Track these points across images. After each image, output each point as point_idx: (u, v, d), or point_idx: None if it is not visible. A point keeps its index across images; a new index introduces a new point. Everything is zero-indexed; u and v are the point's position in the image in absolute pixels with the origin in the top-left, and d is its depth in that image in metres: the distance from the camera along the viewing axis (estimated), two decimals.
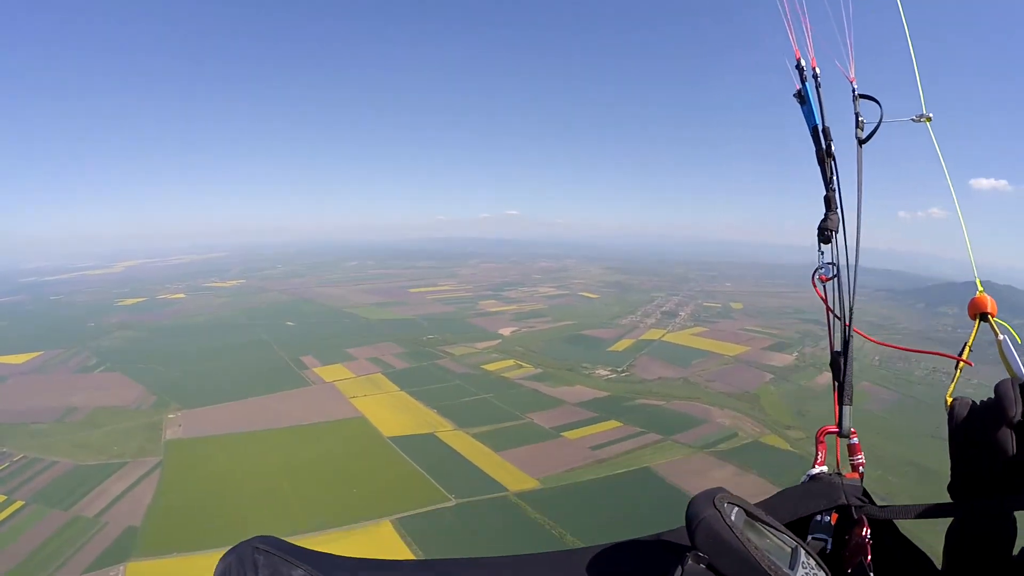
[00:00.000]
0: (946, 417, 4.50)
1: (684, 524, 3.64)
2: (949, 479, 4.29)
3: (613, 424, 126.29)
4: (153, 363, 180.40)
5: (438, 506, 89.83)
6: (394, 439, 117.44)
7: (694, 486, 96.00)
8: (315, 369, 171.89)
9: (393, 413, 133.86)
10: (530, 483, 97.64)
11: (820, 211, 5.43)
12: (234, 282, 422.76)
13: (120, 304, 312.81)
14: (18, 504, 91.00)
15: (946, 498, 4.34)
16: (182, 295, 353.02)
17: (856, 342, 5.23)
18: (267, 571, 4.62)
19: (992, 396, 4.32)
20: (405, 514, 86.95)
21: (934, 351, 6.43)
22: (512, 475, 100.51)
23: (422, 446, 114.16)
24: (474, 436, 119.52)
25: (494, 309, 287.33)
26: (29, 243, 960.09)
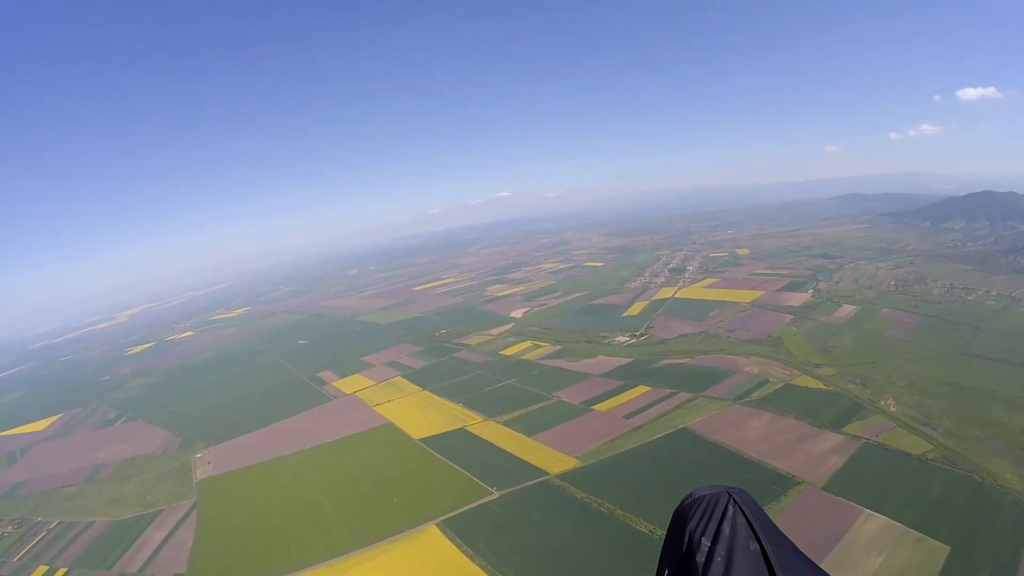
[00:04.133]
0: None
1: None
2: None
3: (642, 389, 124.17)
4: (172, 405, 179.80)
5: (481, 501, 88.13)
6: (425, 440, 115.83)
7: (735, 439, 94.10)
8: (334, 383, 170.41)
9: (420, 414, 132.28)
10: (569, 463, 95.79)
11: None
12: (240, 310, 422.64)
13: (130, 353, 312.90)
14: (61, 572, 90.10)
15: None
16: (190, 333, 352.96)
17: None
18: (729, 526, 5.19)
19: None
20: (450, 515, 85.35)
21: None
22: (550, 457, 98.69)
23: (454, 443, 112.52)
24: (505, 424, 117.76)
25: (502, 293, 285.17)
26: (32, 310, 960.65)
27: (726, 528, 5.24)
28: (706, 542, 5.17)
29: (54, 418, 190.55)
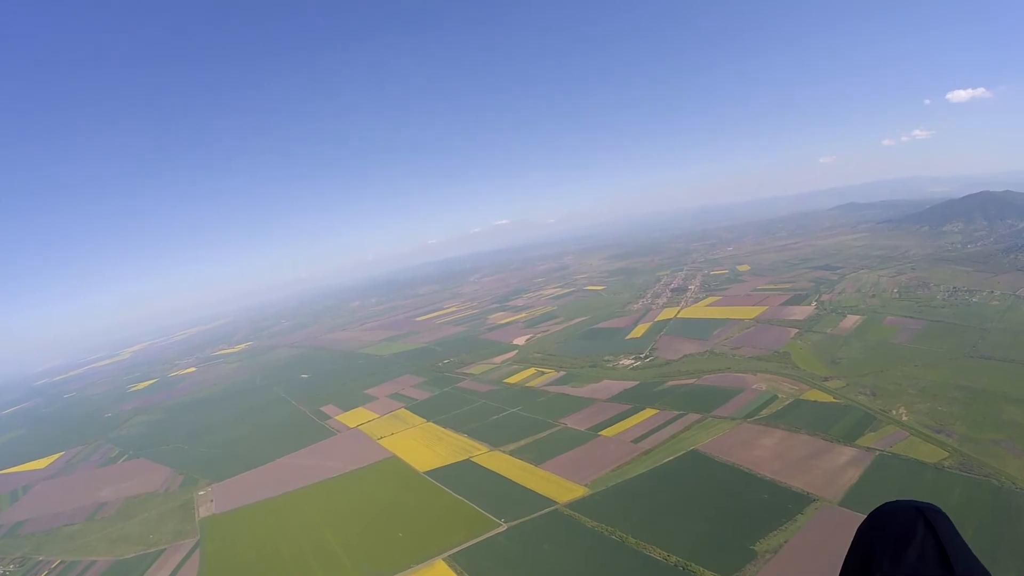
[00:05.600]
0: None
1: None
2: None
3: (649, 412, 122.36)
4: (175, 442, 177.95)
5: (490, 534, 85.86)
6: (430, 473, 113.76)
7: (747, 459, 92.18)
8: (338, 417, 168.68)
9: (424, 446, 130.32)
10: (579, 491, 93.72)
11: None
12: (243, 345, 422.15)
13: (133, 390, 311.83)
14: None
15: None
16: (193, 369, 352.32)
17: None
18: (916, 550, 4.53)
19: None
20: (457, 549, 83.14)
21: None
22: (558, 486, 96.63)
23: (460, 474, 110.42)
24: (511, 453, 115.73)
25: (504, 321, 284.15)
26: (36, 347, 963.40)
27: (912, 553, 4.56)
28: (888, 567, 4.53)
29: (56, 456, 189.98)
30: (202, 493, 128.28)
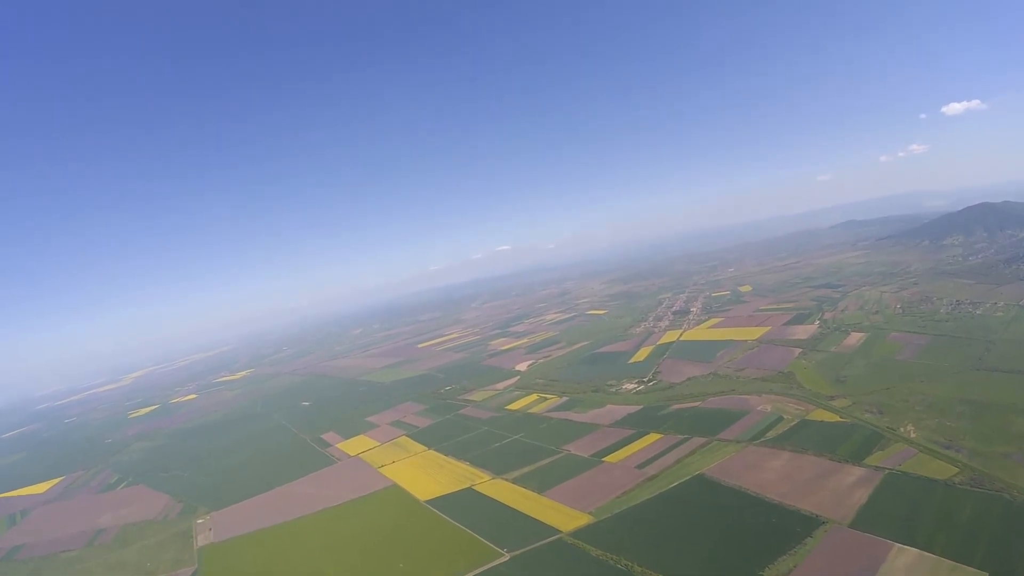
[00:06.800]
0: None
1: None
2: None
3: (653, 437, 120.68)
4: (175, 469, 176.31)
5: (492, 564, 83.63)
6: (432, 501, 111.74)
7: (754, 482, 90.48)
8: (338, 445, 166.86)
9: (426, 474, 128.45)
10: (583, 519, 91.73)
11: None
12: (244, 372, 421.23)
13: (134, 416, 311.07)
14: None
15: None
16: (194, 395, 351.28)
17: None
18: None
19: None
20: None
21: None
22: (562, 514, 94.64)
23: (462, 503, 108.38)
24: (513, 481, 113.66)
25: (506, 346, 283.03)
26: (39, 371, 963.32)
27: None
28: None
29: (55, 481, 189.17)
30: (201, 521, 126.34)
